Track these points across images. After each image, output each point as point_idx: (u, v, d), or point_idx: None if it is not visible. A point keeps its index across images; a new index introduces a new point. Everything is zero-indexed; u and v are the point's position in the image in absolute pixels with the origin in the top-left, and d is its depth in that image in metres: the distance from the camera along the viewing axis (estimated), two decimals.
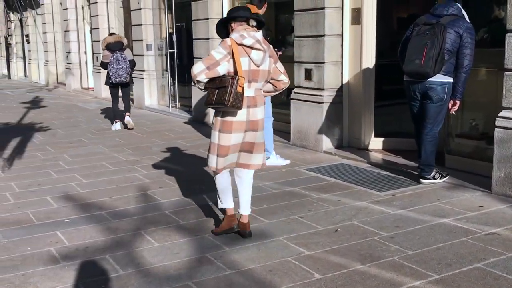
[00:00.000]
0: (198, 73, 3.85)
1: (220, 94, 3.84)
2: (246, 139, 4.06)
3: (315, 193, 5.34)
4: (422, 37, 5.05)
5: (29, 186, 5.94)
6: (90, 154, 7.62)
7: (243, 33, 3.92)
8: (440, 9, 5.19)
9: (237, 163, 4.15)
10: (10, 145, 8.35)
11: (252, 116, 4.00)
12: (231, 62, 3.88)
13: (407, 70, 5.18)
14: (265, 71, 4.03)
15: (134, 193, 5.54)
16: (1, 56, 27.41)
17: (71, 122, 10.91)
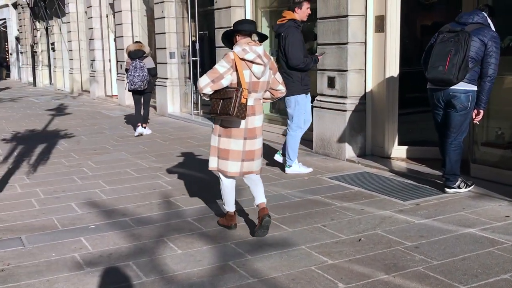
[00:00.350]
0: (204, 87, 4.17)
1: (224, 104, 4.15)
2: (246, 147, 4.35)
3: (338, 201, 5.30)
4: (446, 44, 5.00)
5: (54, 192, 6.01)
6: (114, 160, 7.69)
7: (245, 47, 4.21)
8: (465, 17, 5.14)
9: (241, 172, 4.42)
10: (36, 152, 8.47)
11: (250, 124, 4.32)
12: (234, 75, 4.19)
13: (430, 77, 5.12)
14: (265, 82, 4.35)
15: (157, 200, 5.57)
16: (27, 64, 27.87)
17: (95, 129, 11.03)
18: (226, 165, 4.39)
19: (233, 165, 4.37)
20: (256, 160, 4.43)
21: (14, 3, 29.29)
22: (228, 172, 4.41)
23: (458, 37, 4.95)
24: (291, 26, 6.20)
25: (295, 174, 6.42)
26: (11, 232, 4.68)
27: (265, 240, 4.29)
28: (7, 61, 34.03)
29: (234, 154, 4.34)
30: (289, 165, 6.50)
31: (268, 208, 5.06)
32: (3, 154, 8.37)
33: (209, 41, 11.65)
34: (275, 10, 9.84)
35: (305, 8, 6.28)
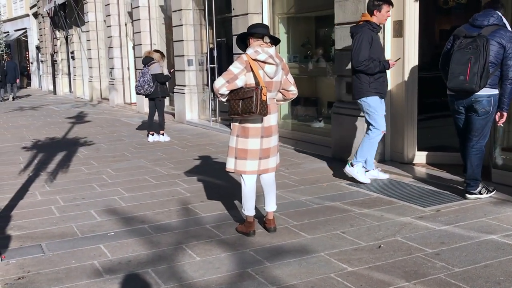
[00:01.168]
0: (220, 87, 4.32)
1: (245, 104, 4.29)
2: (263, 145, 4.50)
3: (357, 208, 5.26)
4: (465, 51, 4.89)
5: (74, 200, 6.06)
6: (133, 168, 7.73)
7: (257, 49, 4.37)
8: (480, 20, 5.04)
9: (259, 170, 4.56)
10: (56, 159, 8.56)
11: (266, 123, 4.48)
12: (248, 75, 4.34)
13: (452, 86, 5.03)
14: (278, 82, 4.50)
15: (176, 207, 5.59)
16: (47, 73, 28.22)
17: (114, 136, 11.11)
18: (244, 165, 4.51)
19: (251, 163, 4.51)
20: (271, 157, 4.59)
21: (34, 13, 29.73)
22: (247, 171, 4.53)
23: (476, 43, 4.85)
24: (364, 27, 5.90)
25: (373, 178, 6.19)
26: (31, 240, 4.73)
27: (284, 247, 4.27)
28: (28, 69, 34.50)
29: (252, 153, 4.48)
30: (366, 170, 6.19)
31: (287, 214, 5.06)
32: (24, 162, 8.47)
33: (227, 48, 11.68)
34: (292, 17, 9.85)
35: (385, 11, 5.94)
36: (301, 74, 9.67)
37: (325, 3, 8.14)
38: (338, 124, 7.51)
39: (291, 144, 8.82)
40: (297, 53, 9.73)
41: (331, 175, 6.66)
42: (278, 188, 5.98)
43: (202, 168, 7.50)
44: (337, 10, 7.38)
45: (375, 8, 5.93)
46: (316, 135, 8.77)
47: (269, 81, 4.42)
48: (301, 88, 9.95)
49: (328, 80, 8.94)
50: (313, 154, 8.01)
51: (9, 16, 34.89)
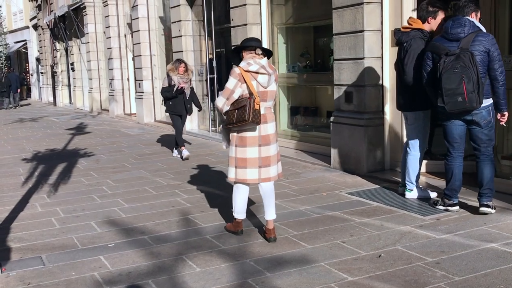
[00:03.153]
0: (222, 106, 4.60)
1: (240, 113, 4.51)
2: (262, 154, 4.66)
3: (357, 217, 5.26)
4: (454, 72, 4.74)
5: (74, 211, 6.06)
6: (133, 179, 7.74)
7: (250, 61, 4.58)
8: (454, 33, 4.90)
9: (260, 179, 4.70)
10: (56, 171, 8.56)
11: (264, 131, 4.65)
12: (243, 87, 4.56)
13: (451, 108, 4.86)
14: (273, 91, 4.69)
15: (176, 217, 5.58)
16: (47, 84, 28.27)
17: (114, 147, 11.13)
18: (245, 173, 4.67)
19: (251, 172, 4.66)
20: (272, 165, 4.72)
21: (34, 25, 29.83)
22: (248, 180, 4.68)
23: (462, 60, 4.73)
24: (416, 37, 5.43)
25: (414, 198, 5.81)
26: (32, 251, 4.72)
27: (284, 257, 4.27)
28: (27, 81, 34.56)
29: (251, 162, 4.65)
30: (410, 189, 5.81)
31: (287, 224, 5.07)
32: (24, 174, 8.47)
33: (226, 58, 11.73)
34: (291, 27, 9.89)
35: (439, 18, 5.51)
36: (300, 84, 9.70)
37: (324, 13, 8.18)
38: (337, 133, 7.52)
39: (290, 153, 8.82)
40: (296, 62, 9.76)
41: (331, 185, 6.66)
42: (278, 198, 6.00)
43: (202, 178, 7.51)
44: (336, 20, 7.41)
45: (430, 15, 5.50)
46: (315, 144, 8.78)
47: (264, 91, 4.60)
48: (301, 97, 10.11)
49: (327, 90, 8.96)
50: (312, 163, 8.02)
51: (9, 28, 35.01)
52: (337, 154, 7.56)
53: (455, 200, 5.23)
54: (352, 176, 7.06)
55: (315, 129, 9.46)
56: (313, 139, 9.03)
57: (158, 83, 15.06)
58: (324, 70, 9.17)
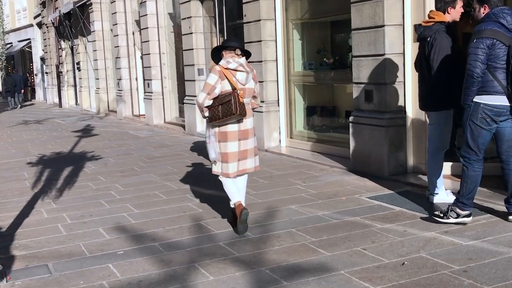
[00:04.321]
0: (203, 100, 5.11)
1: (225, 108, 5.06)
2: (241, 148, 5.26)
3: (378, 223, 5.24)
4: None
5: (81, 217, 6.10)
6: (142, 183, 7.77)
7: (229, 59, 5.19)
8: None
9: (238, 171, 5.28)
10: (62, 175, 8.62)
11: (243, 126, 5.25)
12: (223, 83, 5.12)
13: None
14: (251, 89, 5.29)
15: (187, 223, 5.60)
16: (52, 85, 28.47)
17: (123, 150, 11.19)
18: (227, 167, 5.26)
19: (232, 166, 5.26)
20: (249, 158, 5.35)
21: (38, 23, 30.05)
22: (230, 174, 5.27)
23: None
24: (440, 31, 5.42)
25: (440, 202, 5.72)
26: (38, 259, 4.76)
27: (301, 265, 4.26)
28: (32, 82, 34.81)
29: (232, 156, 5.24)
30: (434, 192, 5.79)
31: (304, 231, 5.07)
32: (29, 178, 8.54)
33: None
34: (307, 22, 9.88)
35: (459, 6, 5.55)
36: (316, 82, 9.68)
37: (341, 7, 8.16)
38: (357, 134, 7.50)
39: (307, 156, 8.81)
40: (312, 60, 9.75)
41: (350, 188, 6.64)
42: (294, 203, 6.03)
43: (214, 182, 7.48)
44: (354, 14, 7.39)
45: (449, 5, 5.52)
46: (333, 146, 8.76)
47: (242, 88, 5.19)
48: (317, 97, 10.09)
49: (345, 88, 8.93)
50: (331, 166, 8.00)
51: (13, 26, 35.33)
52: (356, 156, 7.53)
53: (471, 209, 5.08)
54: (372, 180, 7.03)
55: (333, 130, 9.44)
56: (331, 141, 9.01)
57: (168, 83, 15.14)
58: (342, 67, 9.14)
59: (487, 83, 4.83)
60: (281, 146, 9.87)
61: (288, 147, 9.77)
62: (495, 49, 4.79)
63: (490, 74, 4.82)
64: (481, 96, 4.85)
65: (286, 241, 4.85)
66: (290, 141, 9.84)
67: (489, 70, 4.82)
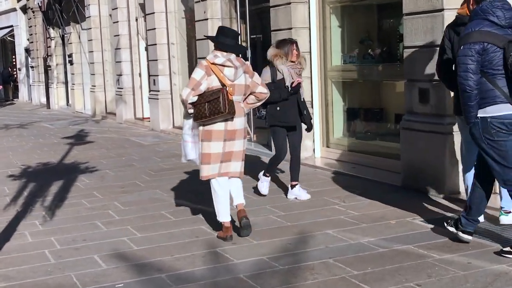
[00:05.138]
0: (186, 96, 5.62)
1: (213, 105, 5.54)
2: (226, 149, 5.77)
3: (436, 252, 5.20)
4: None
5: (73, 242, 6.13)
6: (146, 201, 7.81)
7: (217, 53, 5.73)
8: (510, 16, 4.95)
9: (219, 173, 5.84)
10: (50, 191, 8.70)
11: (230, 126, 5.73)
12: (210, 79, 5.65)
13: None
14: (241, 85, 5.80)
15: (201, 250, 5.61)
16: (38, 81, 28.65)
17: (123, 161, 11.26)
18: (208, 169, 5.80)
19: (213, 168, 5.79)
20: (233, 161, 5.86)
21: (23, 6, 30.31)
22: (210, 176, 5.83)
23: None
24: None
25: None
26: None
27: None
28: (15, 77, 35.10)
29: (214, 157, 5.76)
30: (507, 211, 5.82)
31: (344, 261, 5.04)
32: (10, 194, 8.63)
33: (263, 46, 11.74)
34: (348, 6, 9.88)
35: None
36: (359, 79, 9.65)
37: None
38: (410, 142, 7.44)
39: (347, 169, 8.77)
40: (354, 52, 9.72)
41: (401, 210, 6.59)
42: (332, 227, 6.02)
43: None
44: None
45: None
46: (380, 157, 8.71)
47: (231, 84, 5.67)
48: (360, 96, 10.05)
49: (395, 86, 8.89)
50: (376, 181, 7.94)
51: None
52: (408, 169, 7.48)
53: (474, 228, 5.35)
54: (428, 199, 6.97)
55: (379, 137, 9.39)
56: (377, 151, 8.95)
57: (178, 79, 15.19)
58: (391, 60, 9.10)
59: (487, 93, 4.94)
60: (315, 156, 9.85)
61: (323, 158, 9.74)
62: (488, 54, 4.89)
63: (489, 82, 4.94)
64: (485, 109, 4.96)
65: (321, 274, 4.83)
66: (326, 151, 9.81)
67: (486, 78, 4.93)
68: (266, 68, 7.48)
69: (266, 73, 7.40)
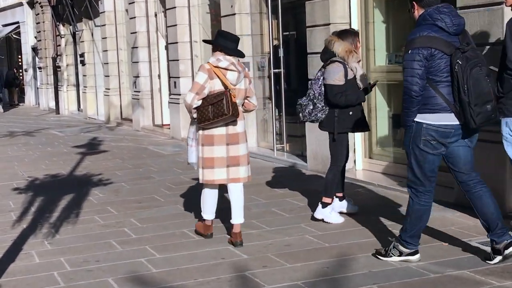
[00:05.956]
0: (191, 101, 6.25)
1: (216, 108, 6.15)
2: (230, 153, 6.38)
3: (495, 279, 5.14)
4: (479, 73, 5.22)
5: (84, 263, 6.16)
6: (166, 217, 7.83)
7: (219, 57, 6.36)
8: (458, 23, 5.36)
9: (228, 179, 6.44)
10: (60, 206, 8.75)
11: (232, 130, 6.38)
12: (212, 83, 6.29)
13: (482, 122, 5.29)
14: (242, 90, 6.46)
15: (227, 274, 5.60)
16: (47, 84, 28.87)
17: (140, 172, 11.31)
18: (212, 174, 6.38)
19: (219, 172, 6.37)
20: (241, 166, 6.45)
21: (30, 0, 30.58)
22: (216, 180, 6.42)
23: (480, 58, 5.31)
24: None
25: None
26: None
27: None
28: (21, 79, 35.35)
29: (218, 161, 6.34)
30: None
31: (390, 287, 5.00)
32: (15, 210, 8.69)
33: (298, 45, 11.75)
34: None
35: None
36: None
37: None
38: None
39: (393, 183, 8.70)
40: (401, 50, 9.65)
41: (455, 230, 6.54)
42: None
43: (263, 218, 7.50)
44: None
45: None
46: None
47: (233, 88, 6.27)
48: None
49: None
50: None
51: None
52: None
53: (416, 247, 5.69)
54: None
55: None
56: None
57: None
58: None
59: (429, 100, 5.37)
60: (356, 169, 9.79)
61: (366, 171, 9.69)
62: (434, 60, 5.30)
63: (433, 89, 5.35)
64: (423, 115, 5.39)
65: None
66: (369, 163, 9.75)
67: (430, 85, 5.35)
68: (338, 66, 7.07)
69: (338, 71, 7.06)
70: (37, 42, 30.26)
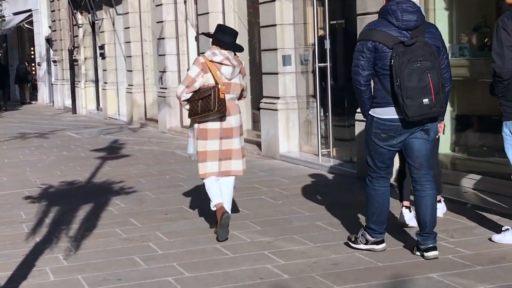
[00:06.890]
0: (181, 93, 7.15)
1: (204, 103, 6.95)
2: (223, 147, 7.26)
3: None
4: (416, 66, 5.93)
5: (104, 282, 6.19)
6: (195, 231, 7.84)
7: (215, 50, 7.19)
8: (408, 19, 6.06)
9: (219, 172, 7.32)
10: (77, 217, 8.81)
11: (226, 124, 7.21)
12: (206, 77, 7.09)
13: (415, 115, 5.96)
14: (237, 84, 7.32)
15: None
16: (62, 80, 29.01)
17: (167, 180, 11.36)
18: (205, 167, 7.26)
19: (211, 165, 7.25)
20: (234, 159, 7.34)
21: None
22: (208, 173, 7.26)
23: (423, 52, 5.95)
24: None
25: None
26: None
27: None
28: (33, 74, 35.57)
29: (211, 155, 7.22)
30: None
31: None
32: (27, 221, 8.76)
33: (346, 35, 11.73)
34: None
35: None
36: (472, 77, 9.49)
37: None
38: None
39: (455, 194, 8.62)
40: (466, 42, 9.59)
41: None
42: (437, 269, 5.97)
43: (307, 232, 7.47)
44: None
45: None
46: (501, 179, 8.52)
47: (227, 83, 7.14)
48: (474, 100, 9.87)
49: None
50: (496, 212, 7.77)
51: None
52: None
53: (382, 236, 6.54)
54: None
55: (498, 153, 9.18)
56: (495, 171, 8.79)
57: None
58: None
59: (377, 93, 6.28)
60: None
61: None
62: (379, 53, 6.14)
63: (380, 83, 6.22)
64: (374, 109, 6.30)
65: None
66: None
67: (378, 78, 6.23)
68: None
69: None
70: (51, 33, 30.46)
